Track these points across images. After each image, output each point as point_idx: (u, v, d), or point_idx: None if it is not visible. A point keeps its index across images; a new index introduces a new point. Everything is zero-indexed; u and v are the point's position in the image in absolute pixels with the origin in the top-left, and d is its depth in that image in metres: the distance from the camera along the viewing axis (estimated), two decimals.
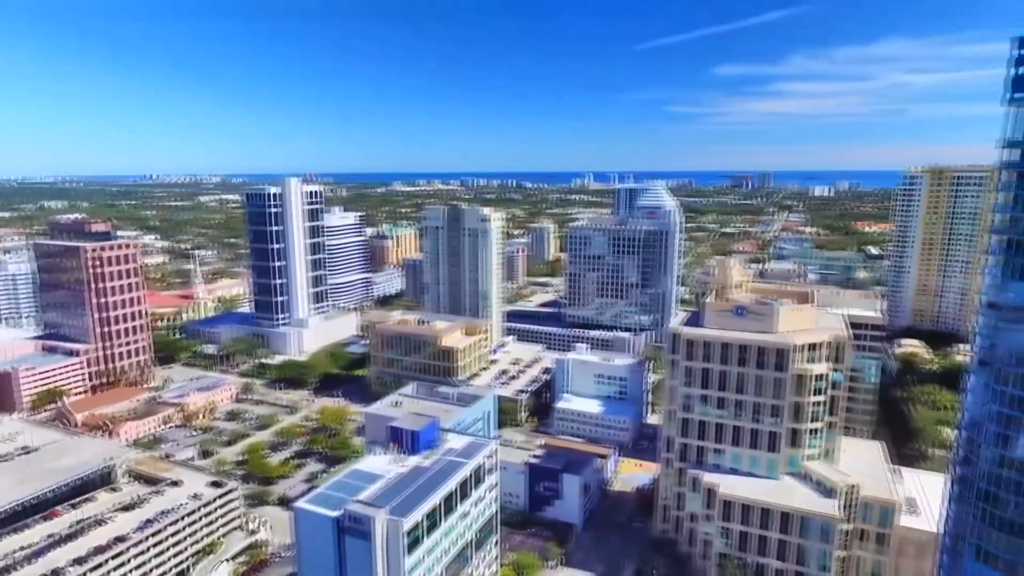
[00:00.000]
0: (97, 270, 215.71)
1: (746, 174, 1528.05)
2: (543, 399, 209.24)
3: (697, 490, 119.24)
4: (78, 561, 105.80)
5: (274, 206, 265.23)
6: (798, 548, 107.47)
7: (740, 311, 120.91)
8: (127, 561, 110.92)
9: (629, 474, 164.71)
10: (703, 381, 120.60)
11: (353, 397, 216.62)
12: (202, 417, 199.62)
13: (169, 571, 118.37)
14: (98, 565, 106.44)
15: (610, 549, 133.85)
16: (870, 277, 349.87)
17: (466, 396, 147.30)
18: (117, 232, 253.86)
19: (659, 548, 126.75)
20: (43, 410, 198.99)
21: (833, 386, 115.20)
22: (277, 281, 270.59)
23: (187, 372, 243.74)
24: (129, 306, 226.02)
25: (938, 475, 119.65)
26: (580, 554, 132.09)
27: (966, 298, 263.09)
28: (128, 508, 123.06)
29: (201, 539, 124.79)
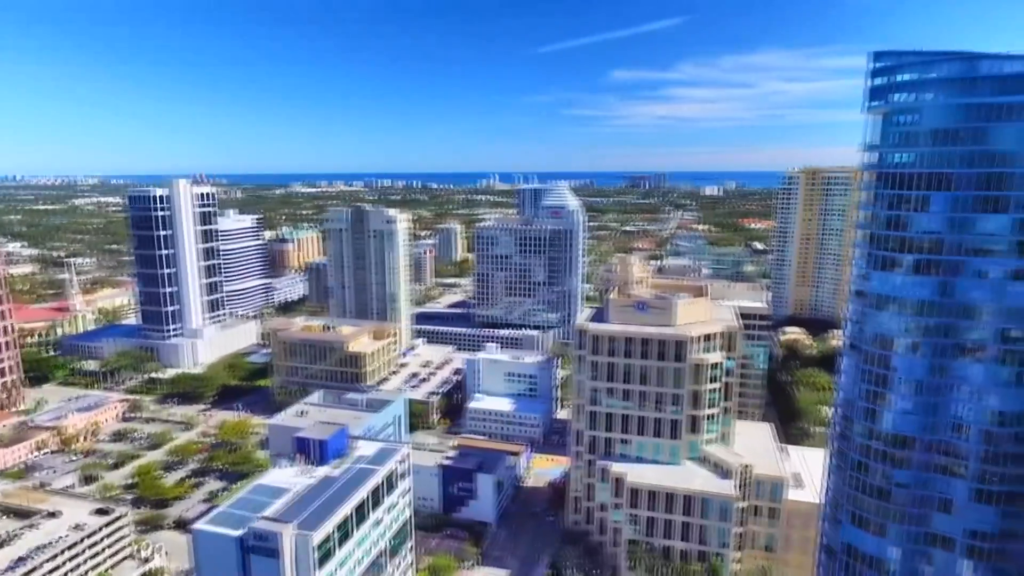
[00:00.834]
0: None
1: (643, 175, 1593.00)
2: (455, 400, 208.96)
3: (606, 480, 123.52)
4: None
5: (161, 209, 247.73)
6: (700, 528, 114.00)
7: (641, 306, 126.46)
8: None
9: (542, 469, 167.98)
10: (609, 374, 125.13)
11: (255, 409, 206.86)
12: (83, 440, 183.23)
13: None
14: None
15: (525, 544, 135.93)
16: (756, 270, 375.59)
17: (376, 401, 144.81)
18: None
19: (572, 539, 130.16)
20: None
21: (727, 373, 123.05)
22: (167, 289, 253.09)
23: (64, 392, 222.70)
24: None
25: (819, 450, 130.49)
26: (496, 552, 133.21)
27: (839, 287, 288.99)
28: None
29: (86, 573, 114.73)
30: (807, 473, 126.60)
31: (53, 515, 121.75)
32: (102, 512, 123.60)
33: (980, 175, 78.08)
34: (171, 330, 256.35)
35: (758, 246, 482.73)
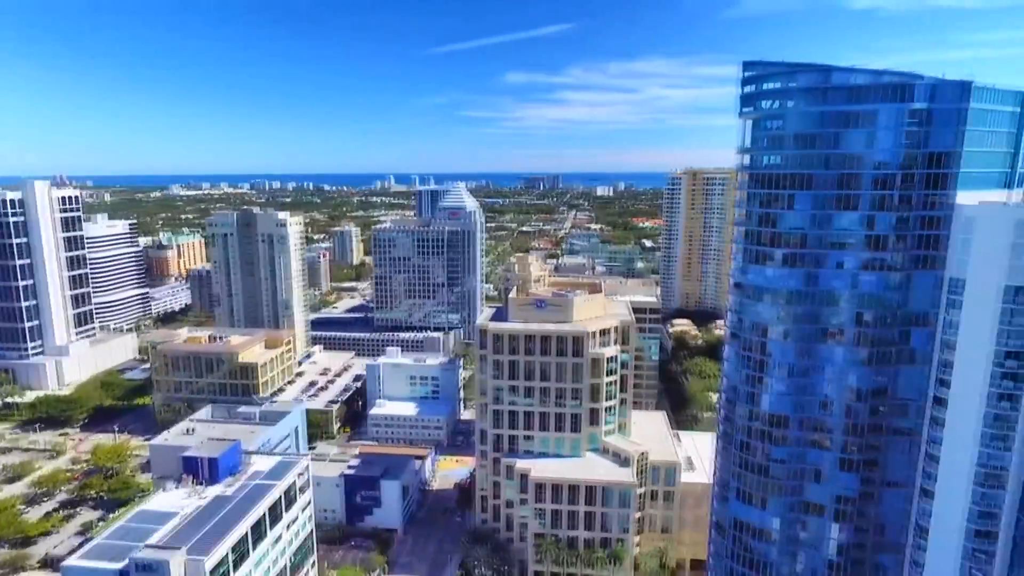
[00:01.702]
0: None
1: (539, 175, 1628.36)
2: (356, 407, 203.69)
3: (512, 477, 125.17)
4: None
5: (14, 215, 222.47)
6: (602, 516, 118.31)
7: (540, 304, 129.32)
8: None
9: (448, 470, 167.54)
10: (511, 372, 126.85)
11: (135, 430, 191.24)
12: None
13: None
14: None
15: (433, 548, 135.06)
16: (647, 267, 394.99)
17: (271, 413, 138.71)
18: None
19: (480, 539, 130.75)
20: None
21: (623, 366, 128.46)
22: (24, 304, 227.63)
23: None
24: None
25: (708, 434, 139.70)
26: (404, 558, 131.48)
27: (721, 281, 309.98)
28: None
29: None
30: (698, 456, 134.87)
31: None
32: None
33: (835, 176, 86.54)
34: (31, 348, 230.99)
35: (648, 243, 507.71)
